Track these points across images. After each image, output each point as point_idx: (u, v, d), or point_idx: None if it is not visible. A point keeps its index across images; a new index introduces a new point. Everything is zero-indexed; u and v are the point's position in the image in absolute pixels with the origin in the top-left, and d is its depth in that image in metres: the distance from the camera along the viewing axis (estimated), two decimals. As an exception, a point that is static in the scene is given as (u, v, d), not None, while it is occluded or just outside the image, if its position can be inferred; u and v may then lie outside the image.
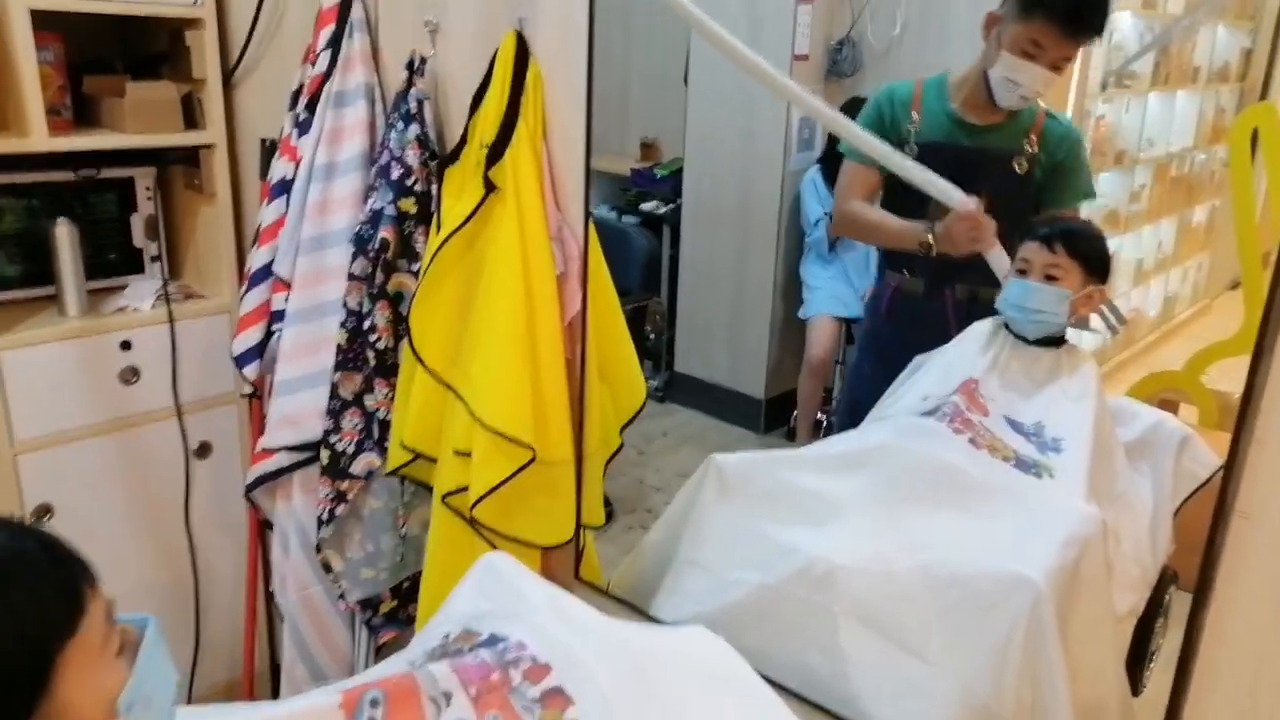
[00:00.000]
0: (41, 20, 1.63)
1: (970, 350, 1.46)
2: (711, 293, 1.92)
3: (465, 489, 1.36)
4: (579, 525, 1.41)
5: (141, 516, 1.96)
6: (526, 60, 1.29)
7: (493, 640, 0.90)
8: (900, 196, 1.46)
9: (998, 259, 1.37)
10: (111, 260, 1.93)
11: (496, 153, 1.28)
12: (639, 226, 2.13)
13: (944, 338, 1.49)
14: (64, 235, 1.78)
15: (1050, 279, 1.31)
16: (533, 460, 1.32)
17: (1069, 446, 1.33)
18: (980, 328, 1.46)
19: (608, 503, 1.73)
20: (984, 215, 1.36)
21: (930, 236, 1.42)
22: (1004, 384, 1.42)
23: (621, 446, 1.49)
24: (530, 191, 1.28)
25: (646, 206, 2.11)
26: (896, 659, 1.17)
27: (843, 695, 1.20)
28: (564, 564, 1.45)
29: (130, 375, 1.86)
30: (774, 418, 1.87)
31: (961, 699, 1.14)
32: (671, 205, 2.02)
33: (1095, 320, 1.35)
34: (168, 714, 0.67)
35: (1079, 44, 1.37)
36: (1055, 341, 1.38)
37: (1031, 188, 1.43)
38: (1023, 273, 1.34)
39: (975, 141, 1.45)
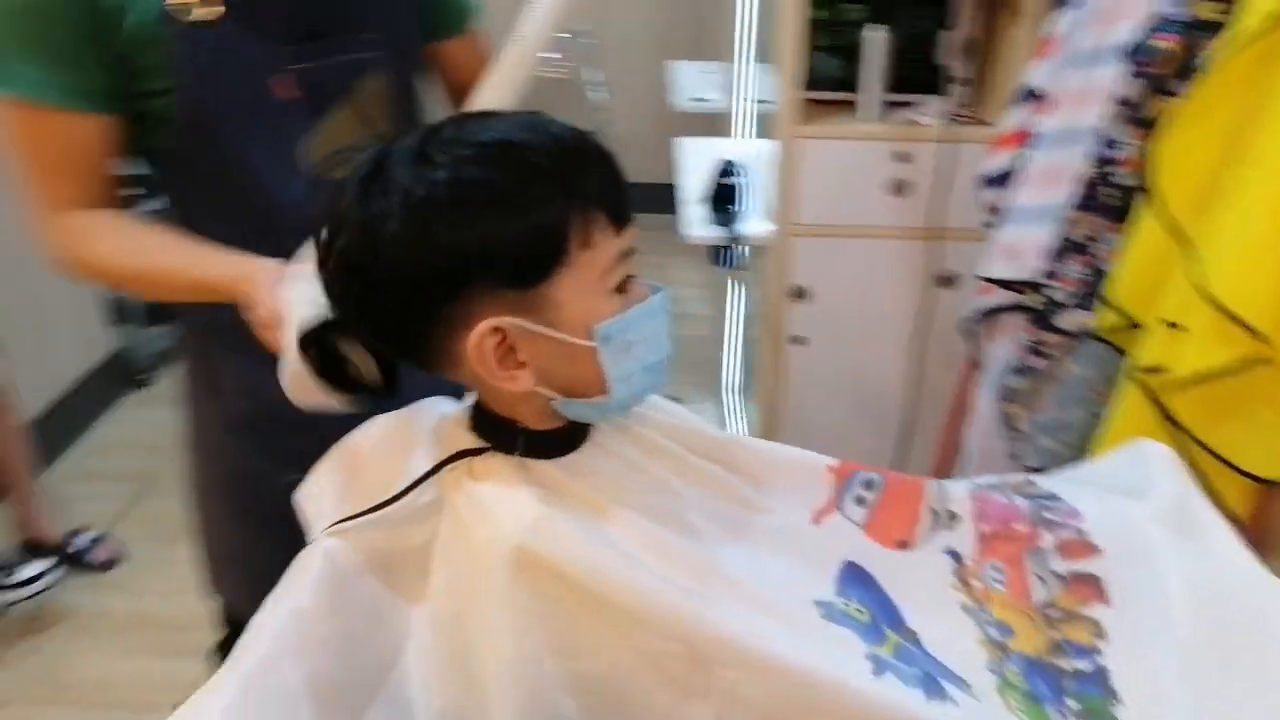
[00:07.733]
0: None
1: None
2: None
3: (1167, 370, 1.10)
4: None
5: (877, 329, 2.07)
6: None
7: (1046, 495, 0.72)
8: None
9: None
10: (910, 76, 1.96)
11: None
12: None
13: None
14: (874, 41, 1.87)
15: None
16: (1266, 361, 1.00)
17: None
18: None
19: None
20: None
21: None
22: None
23: None
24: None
25: None
26: None
27: None
28: (1280, 513, 1.10)
29: (897, 188, 1.92)
30: None
31: None
32: None
33: None
34: (641, 378, 0.68)
35: None
36: None
37: None
38: None
39: None
